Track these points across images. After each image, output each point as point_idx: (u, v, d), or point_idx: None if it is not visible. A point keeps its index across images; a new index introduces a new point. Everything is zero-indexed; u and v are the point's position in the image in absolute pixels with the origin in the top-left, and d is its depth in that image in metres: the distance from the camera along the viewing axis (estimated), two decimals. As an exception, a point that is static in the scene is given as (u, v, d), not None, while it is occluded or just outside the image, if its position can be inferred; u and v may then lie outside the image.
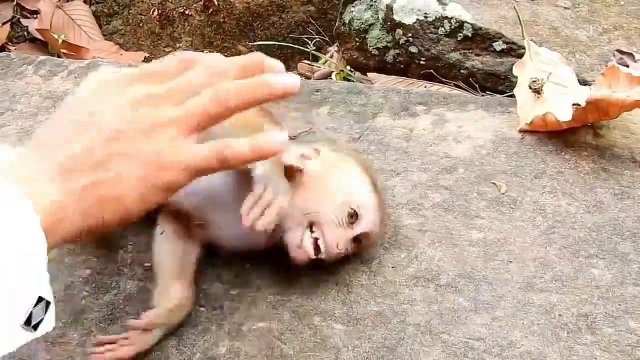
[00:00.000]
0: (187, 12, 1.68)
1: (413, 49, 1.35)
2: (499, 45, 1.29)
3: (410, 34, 1.34)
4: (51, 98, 1.17)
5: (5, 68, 1.25)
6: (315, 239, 0.81)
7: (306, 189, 0.83)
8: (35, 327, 0.54)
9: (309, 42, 1.54)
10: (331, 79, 1.43)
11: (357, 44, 1.43)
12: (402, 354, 0.79)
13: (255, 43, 1.64)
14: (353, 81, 1.37)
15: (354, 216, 0.83)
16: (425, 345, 0.80)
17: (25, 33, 1.58)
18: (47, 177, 0.59)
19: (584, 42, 1.30)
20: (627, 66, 1.20)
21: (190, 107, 0.63)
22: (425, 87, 1.33)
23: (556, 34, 1.30)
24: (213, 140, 0.64)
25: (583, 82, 1.17)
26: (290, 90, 0.65)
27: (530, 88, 1.10)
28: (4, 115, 1.14)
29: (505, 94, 1.25)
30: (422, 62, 1.35)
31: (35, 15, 1.61)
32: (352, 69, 1.44)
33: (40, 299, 0.54)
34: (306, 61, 1.54)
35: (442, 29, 1.31)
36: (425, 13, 1.31)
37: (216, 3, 1.66)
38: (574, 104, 1.02)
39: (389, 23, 1.36)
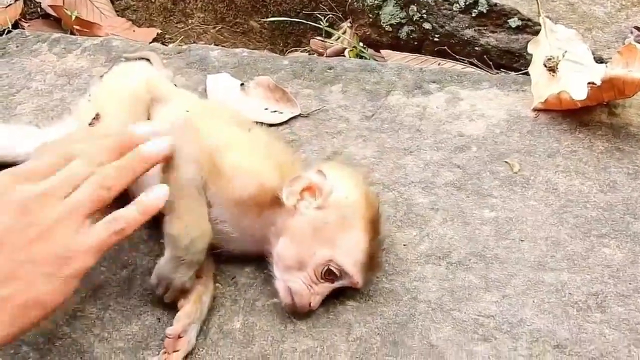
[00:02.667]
0: (199, -13, 1.67)
1: (427, 26, 1.34)
2: (514, 22, 1.27)
3: (424, 10, 1.33)
4: (66, 76, 1.18)
5: (20, 45, 1.26)
6: (290, 290, 0.79)
7: (293, 237, 0.79)
8: None
9: (322, 18, 1.52)
10: (344, 55, 1.42)
11: (371, 20, 1.42)
12: (412, 329, 0.81)
13: (268, 19, 1.63)
14: (366, 58, 1.37)
15: (332, 274, 0.79)
16: (436, 321, 0.81)
17: (39, 9, 1.58)
18: None
19: (601, 18, 1.28)
20: (645, 43, 1.18)
21: (80, 198, 0.70)
22: (439, 64, 1.32)
23: (573, 10, 1.28)
24: (104, 219, 0.71)
25: (599, 60, 1.16)
26: (164, 153, 0.76)
27: (546, 66, 1.09)
28: (20, 92, 1.15)
29: (520, 72, 1.24)
30: (436, 39, 1.34)
31: (48, -8, 1.60)
32: (365, 46, 1.43)
33: None
34: (319, 37, 1.53)
35: (457, 5, 1.29)
36: (440, -11, 1.30)
37: (228, -22, 1.64)
38: (589, 83, 1.01)
39: (402, -1, 1.35)
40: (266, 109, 1.09)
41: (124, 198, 0.75)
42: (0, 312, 0.65)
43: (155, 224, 0.79)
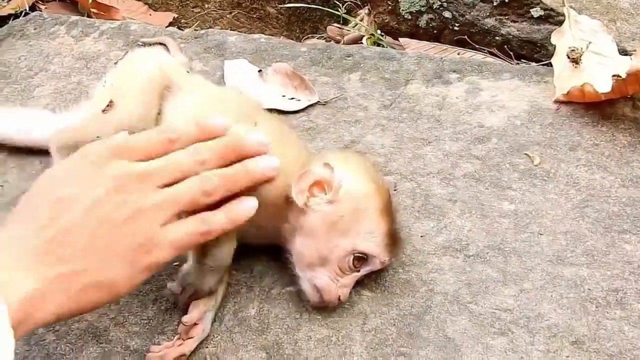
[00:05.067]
0: (216, -28, 1.66)
1: (447, 14, 1.32)
2: (536, 12, 1.25)
3: (444, -2, 1.31)
4: (83, 59, 1.18)
5: (38, 28, 1.26)
6: (316, 288, 0.79)
7: (311, 234, 0.78)
8: None
9: (340, 4, 1.51)
10: (361, 43, 1.40)
11: (390, 7, 1.40)
12: (428, 321, 0.80)
13: (285, 5, 1.62)
14: (384, 46, 1.35)
15: (360, 259, 0.79)
16: (453, 314, 0.81)
17: (56, -8, 1.58)
18: (24, 265, 0.60)
19: (626, 9, 1.25)
20: (671, 36, 1.15)
21: (178, 194, 0.68)
22: (458, 53, 1.30)
23: (597, 1, 1.25)
24: (192, 218, 0.69)
25: (623, 52, 1.13)
26: (269, 174, 0.72)
27: (569, 57, 1.07)
28: (38, 75, 1.15)
29: (541, 63, 1.22)
30: (455, 28, 1.32)
31: (65, -26, 1.60)
32: (383, 33, 1.41)
33: None
34: (336, 24, 1.51)
35: (478, -7, 1.27)
36: (461, -23, 1.27)
37: (246, -37, 1.63)
38: (613, 75, 0.99)
39: (423, -14, 1.33)
40: (284, 96, 1.09)
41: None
42: (68, 286, 0.62)
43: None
